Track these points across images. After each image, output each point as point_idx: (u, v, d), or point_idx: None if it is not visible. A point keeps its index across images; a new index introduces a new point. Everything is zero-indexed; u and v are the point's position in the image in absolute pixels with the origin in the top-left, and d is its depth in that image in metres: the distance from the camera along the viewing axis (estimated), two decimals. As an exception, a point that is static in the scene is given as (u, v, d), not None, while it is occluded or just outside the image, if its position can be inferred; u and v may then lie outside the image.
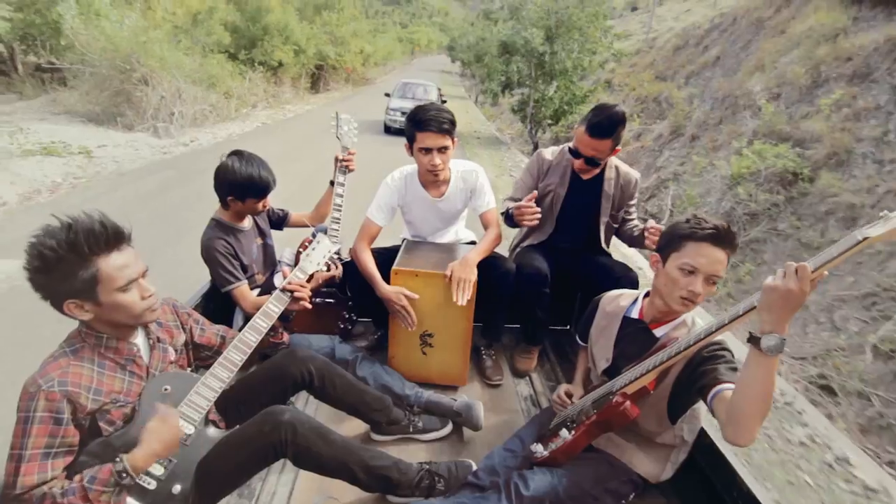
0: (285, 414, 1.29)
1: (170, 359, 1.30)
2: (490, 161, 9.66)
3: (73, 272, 1.04)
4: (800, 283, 0.94)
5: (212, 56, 11.25)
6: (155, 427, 1.09)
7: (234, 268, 1.84)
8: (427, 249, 2.10)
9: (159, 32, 9.39)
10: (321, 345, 1.95)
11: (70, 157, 6.76)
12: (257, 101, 12.91)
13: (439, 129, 1.86)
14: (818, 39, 7.26)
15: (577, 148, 1.99)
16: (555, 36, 10.25)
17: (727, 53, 9.50)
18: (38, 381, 1.02)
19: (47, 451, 1.02)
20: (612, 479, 1.35)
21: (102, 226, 1.07)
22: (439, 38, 65.70)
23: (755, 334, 1.00)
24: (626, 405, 1.24)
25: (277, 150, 8.37)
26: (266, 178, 1.83)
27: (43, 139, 6.94)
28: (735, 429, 1.05)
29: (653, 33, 14.28)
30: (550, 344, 2.38)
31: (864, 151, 5.62)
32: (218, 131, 9.99)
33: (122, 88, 8.73)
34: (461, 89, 24.21)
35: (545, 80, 11.06)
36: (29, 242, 1.04)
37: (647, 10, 18.06)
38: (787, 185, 5.97)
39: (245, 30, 13.22)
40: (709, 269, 1.23)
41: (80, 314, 1.08)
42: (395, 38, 39.94)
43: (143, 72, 8.72)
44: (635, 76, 11.76)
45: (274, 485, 1.51)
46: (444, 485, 1.44)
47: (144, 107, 8.73)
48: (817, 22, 7.56)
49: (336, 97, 18.37)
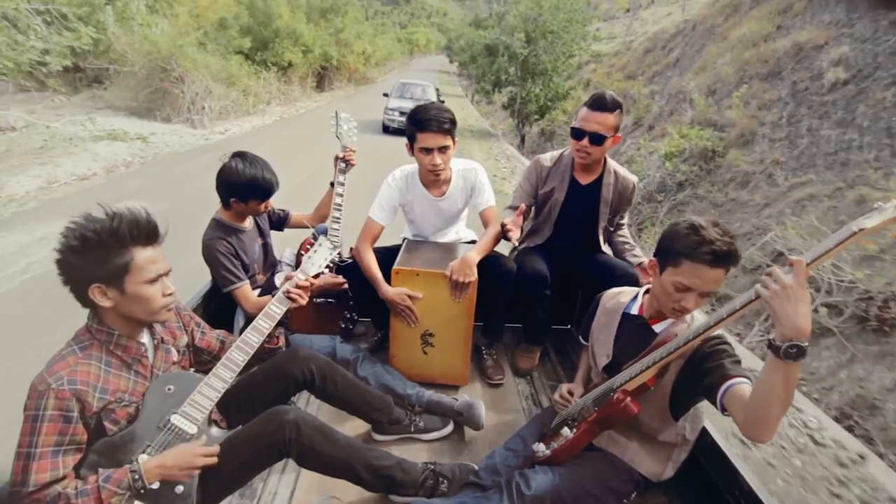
0: (289, 413, 1.29)
1: (173, 359, 1.30)
2: (480, 149, 11.34)
3: (109, 257, 1.07)
4: (796, 277, 0.94)
5: (231, 57, 12.44)
6: (184, 449, 1.13)
7: (235, 268, 1.84)
8: (428, 249, 2.10)
9: (192, 37, 10.63)
10: (322, 345, 1.95)
11: (131, 141, 8.16)
12: (271, 98, 14.05)
13: (440, 129, 1.86)
14: (747, 44, 8.98)
15: (580, 126, 1.95)
16: (534, 40, 11.60)
17: (685, 55, 11.12)
18: (48, 380, 1.03)
19: (57, 449, 1.03)
20: (613, 478, 1.35)
21: (147, 220, 1.12)
22: (437, 39, 65.84)
23: (775, 342, 0.97)
24: (627, 401, 1.24)
25: (298, 138, 10.04)
26: (269, 179, 1.82)
27: (104, 128, 8.35)
28: (756, 429, 1.04)
29: (631, 37, 15.50)
30: (552, 343, 2.39)
31: (763, 133, 7.42)
32: (243, 123, 11.38)
33: (161, 86, 9.95)
34: (458, 88, 25.07)
35: (531, 80, 12.32)
36: (67, 227, 1.07)
37: (634, 14, 19.67)
38: (706, 159, 7.85)
39: (258, 33, 14.32)
40: (703, 289, 1.22)
41: (102, 300, 1.10)
42: (394, 39, 40.47)
43: (179, 71, 9.89)
44: (609, 75, 13.12)
45: (275, 485, 1.51)
46: (447, 486, 1.44)
47: (180, 102, 9.98)
48: (749, 30, 9.24)
49: (340, 95, 19.69)
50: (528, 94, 12.52)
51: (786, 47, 8.02)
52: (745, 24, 9.59)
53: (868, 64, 6.70)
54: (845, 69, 6.90)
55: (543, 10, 11.50)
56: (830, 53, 7.32)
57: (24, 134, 7.64)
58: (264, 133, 10.74)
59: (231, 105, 11.43)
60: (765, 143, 7.28)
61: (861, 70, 6.72)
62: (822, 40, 7.63)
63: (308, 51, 16.14)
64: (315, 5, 18.45)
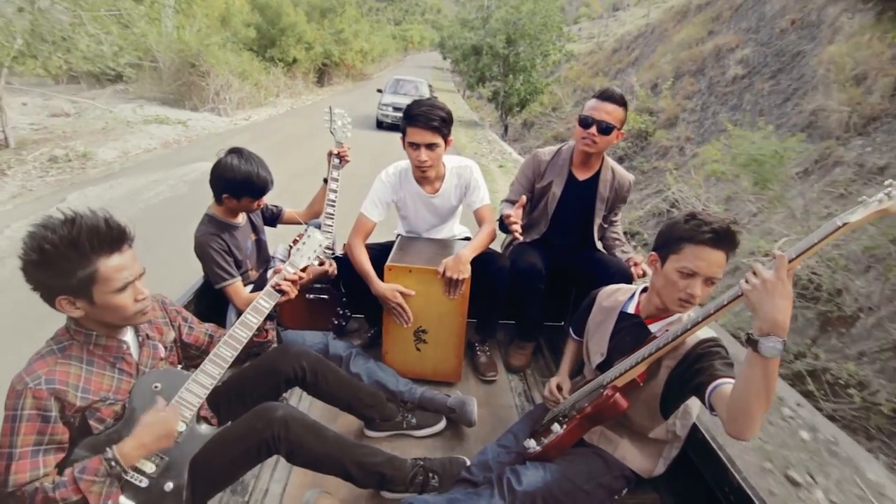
0: (278, 410, 1.28)
1: (160, 356, 1.28)
2: (466, 136, 12.62)
3: (71, 270, 1.01)
4: (777, 272, 0.94)
5: (242, 53, 13.83)
6: (149, 420, 1.09)
7: (227, 264, 1.82)
8: (421, 245, 2.09)
9: (217, 37, 12.28)
10: (315, 341, 1.94)
11: (174, 125, 9.64)
12: (279, 91, 15.57)
13: (427, 126, 1.83)
14: (684, 46, 11.05)
15: (589, 115, 1.93)
16: (514, 41, 13.41)
17: (642, 55, 13.19)
18: (25, 379, 1.01)
19: (37, 449, 1.01)
20: (604, 474, 1.35)
21: (107, 225, 1.04)
22: (431, 36, 65.72)
23: (753, 336, 0.98)
24: (616, 397, 1.24)
25: (310, 125, 10.68)
26: (264, 177, 1.81)
27: (150, 114, 9.82)
28: (737, 425, 1.04)
29: (604, 37, 17.58)
30: (545, 340, 2.39)
31: (683, 117, 9.60)
32: (260, 112, 12.90)
33: (189, 79, 11.47)
34: (451, 84, 26.42)
35: (513, 76, 14.01)
36: (28, 233, 1.02)
37: (609, 16, 22.20)
38: (641, 138, 10.11)
39: (266, 31, 15.93)
40: (708, 272, 1.21)
41: (70, 311, 1.06)
42: (388, 36, 40.93)
43: (206, 66, 11.32)
44: (581, 72, 15.48)
45: (267, 481, 1.51)
46: (437, 480, 1.44)
47: (205, 93, 11.49)
48: (687, 34, 11.28)
49: (339, 90, 21.18)
50: (510, 89, 14.25)
51: (710, 49, 10.16)
52: (685, 29, 11.66)
53: (759, 62, 8.51)
54: (744, 67, 8.82)
55: (522, 14, 13.22)
56: (737, 54, 9.23)
57: (79, 119, 8.99)
58: (280, 120, 12.17)
59: (246, 97, 12.88)
60: (683, 124, 9.40)
61: (754, 67, 8.56)
62: (735, 43, 9.61)
63: (310, 48, 17.59)
64: (315, 4, 19.53)
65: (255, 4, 16.08)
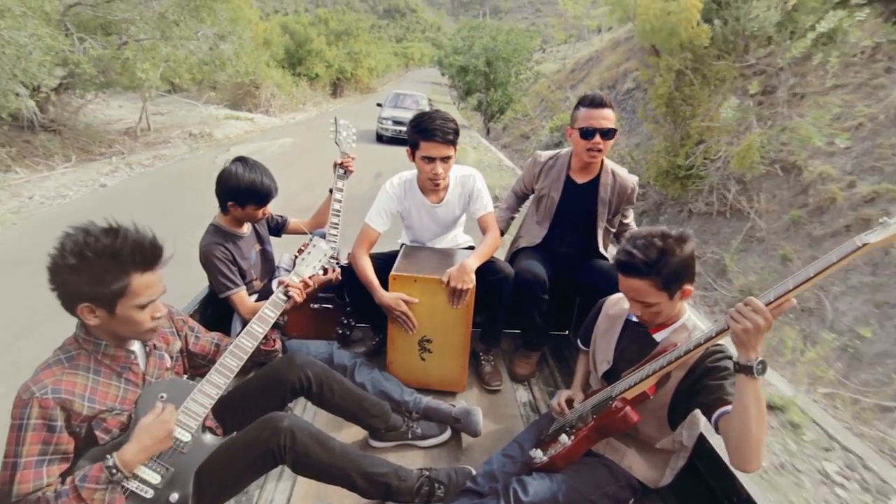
0: (284, 420, 1.28)
1: (166, 365, 1.29)
2: None
3: (106, 280, 1.02)
4: (775, 316, 1.01)
5: (279, 70, 17.46)
6: (147, 422, 1.09)
7: (232, 274, 1.83)
8: (425, 255, 2.10)
9: (266, 58, 15.21)
10: (319, 350, 1.94)
11: (244, 121, 12.97)
12: (305, 100, 19.35)
13: (444, 140, 1.86)
14: (610, 67, 13.78)
15: (588, 126, 1.94)
16: (492, 63, 17.10)
17: (588, 74, 16.13)
18: (32, 388, 1.01)
19: (41, 459, 1.01)
20: (611, 485, 1.34)
21: (152, 244, 1.07)
22: (431, 53, 66.91)
23: (744, 363, 1.05)
24: (626, 410, 1.24)
25: None
26: (268, 185, 1.83)
27: (224, 113, 13.09)
28: (739, 454, 1.09)
29: (568, 60, 21.05)
30: (549, 349, 2.38)
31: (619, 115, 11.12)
32: (297, 115, 16.47)
33: (247, 89, 14.95)
34: (448, 98, 28.15)
35: (493, 89, 17.61)
36: (67, 234, 1.02)
37: (577, 41, 27.14)
38: None
39: (294, 52, 20.17)
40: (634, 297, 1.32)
41: (89, 318, 1.06)
42: (391, 52, 42.84)
43: (259, 79, 14.59)
44: (547, 86, 18.43)
45: (271, 492, 1.50)
46: (443, 491, 1.43)
47: (257, 100, 15.23)
48: (612, 60, 14.10)
49: (351, 101, 24.95)
50: (491, 99, 17.84)
51: (621, 70, 12.87)
52: (612, 56, 14.57)
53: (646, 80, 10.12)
54: (633, 82, 11.59)
55: (498, 42, 17.02)
56: (633, 73, 11.56)
57: (170, 116, 11.70)
58: (313, 121, 15.25)
59: (285, 103, 16.63)
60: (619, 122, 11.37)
61: (640, 84, 10.57)
62: (634, 66, 11.86)
63: (330, 66, 21.80)
64: (333, 28, 24.14)
65: (285, 30, 20.06)
